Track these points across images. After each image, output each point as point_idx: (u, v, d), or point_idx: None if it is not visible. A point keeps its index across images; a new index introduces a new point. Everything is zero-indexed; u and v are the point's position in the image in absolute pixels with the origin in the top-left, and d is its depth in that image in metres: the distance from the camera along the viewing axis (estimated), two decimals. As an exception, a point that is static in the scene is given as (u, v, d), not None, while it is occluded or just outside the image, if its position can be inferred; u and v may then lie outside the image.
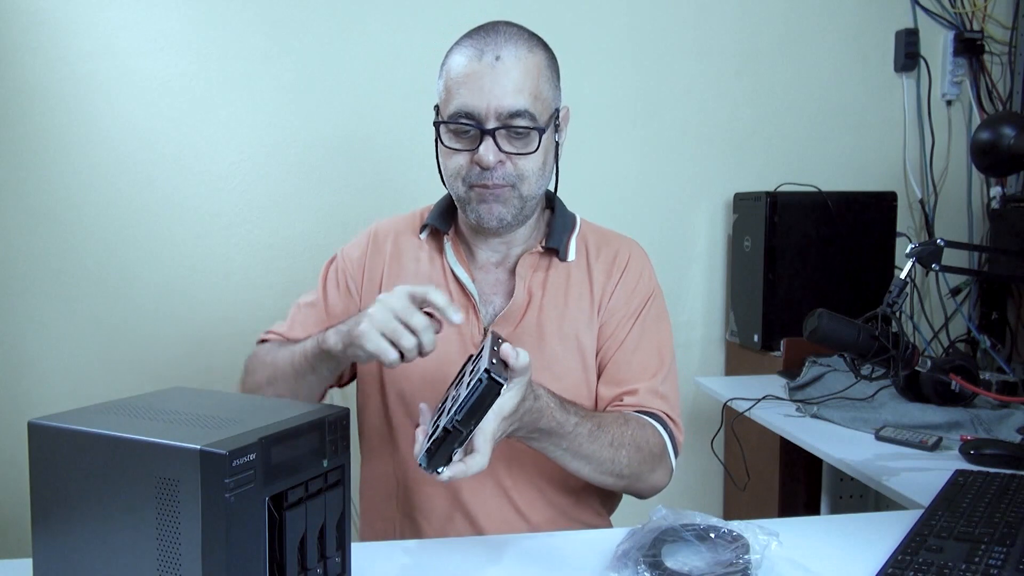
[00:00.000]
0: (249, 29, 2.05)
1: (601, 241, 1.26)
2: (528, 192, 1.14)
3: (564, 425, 1.02)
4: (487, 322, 1.19)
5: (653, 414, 1.17)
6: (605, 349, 1.21)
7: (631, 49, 2.24)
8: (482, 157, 1.09)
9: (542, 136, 1.11)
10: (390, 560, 0.99)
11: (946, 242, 1.44)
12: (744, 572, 0.88)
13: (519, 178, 1.12)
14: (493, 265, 1.23)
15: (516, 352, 0.88)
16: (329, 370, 1.12)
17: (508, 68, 1.08)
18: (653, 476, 1.15)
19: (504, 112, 1.08)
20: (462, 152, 1.12)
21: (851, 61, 2.35)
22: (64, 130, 2.00)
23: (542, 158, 1.13)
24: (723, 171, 2.31)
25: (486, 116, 1.08)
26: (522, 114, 1.09)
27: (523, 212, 1.16)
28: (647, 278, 1.25)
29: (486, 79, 1.08)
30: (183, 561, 0.71)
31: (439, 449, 0.84)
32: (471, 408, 0.82)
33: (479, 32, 1.12)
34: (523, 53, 1.10)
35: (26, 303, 2.03)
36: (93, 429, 0.76)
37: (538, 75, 1.11)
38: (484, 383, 0.82)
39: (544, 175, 1.16)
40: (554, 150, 1.17)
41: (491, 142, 1.09)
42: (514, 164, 1.11)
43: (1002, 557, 0.90)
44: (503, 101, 1.08)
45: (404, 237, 1.27)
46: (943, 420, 1.54)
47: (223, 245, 2.09)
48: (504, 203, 1.13)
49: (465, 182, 1.13)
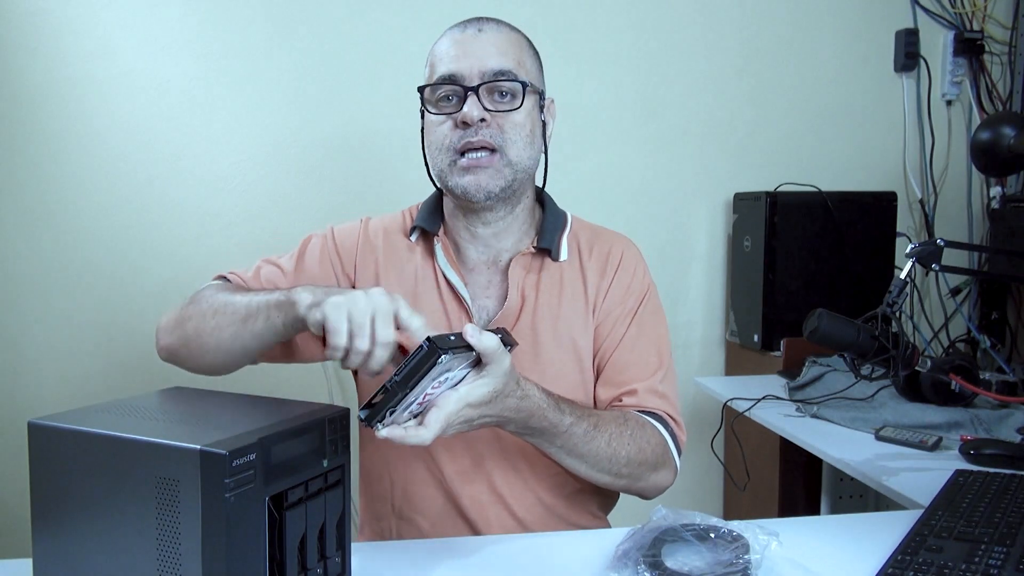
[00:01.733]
0: (249, 29, 2.05)
1: (593, 239, 1.25)
2: (516, 157, 1.12)
3: (558, 425, 1.02)
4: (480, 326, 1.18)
5: (653, 413, 1.17)
6: (603, 350, 1.20)
7: (631, 49, 2.24)
8: (467, 113, 1.09)
9: (526, 90, 1.12)
10: (390, 560, 0.99)
11: (946, 242, 1.44)
12: (744, 572, 0.88)
13: (505, 140, 1.11)
14: (484, 266, 1.21)
15: (478, 333, 0.87)
16: (281, 323, 1.01)
17: (490, 36, 1.12)
18: (655, 476, 1.14)
19: (488, 71, 1.10)
20: (446, 120, 1.12)
21: (851, 61, 2.35)
22: (64, 130, 2.00)
23: (528, 124, 1.13)
24: (723, 171, 2.31)
25: (469, 76, 1.10)
26: (506, 73, 1.11)
27: (514, 183, 1.14)
28: (641, 275, 1.24)
29: (469, 45, 1.11)
30: (183, 561, 0.71)
31: (376, 406, 0.84)
32: (408, 372, 0.82)
33: (464, 21, 1.16)
34: (505, 29, 1.15)
35: (26, 303, 2.03)
36: (93, 429, 0.76)
37: (521, 48, 1.15)
38: (424, 349, 0.82)
39: (532, 145, 1.15)
40: (541, 129, 1.17)
41: (475, 98, 1.10)
42: (499, 125, 1.11)
43: (1002, 557, 0.90)
44: (487, 62, 1.10)
45: (394, 238, 1.25)
46: (943, 420, 1.54)
47: (223, 245, 2.09)
48: (490, 173, 1.12)
49: (449, 150, 1.12)
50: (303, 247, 1.27)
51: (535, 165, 1.18)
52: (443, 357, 0.82)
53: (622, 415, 1.12)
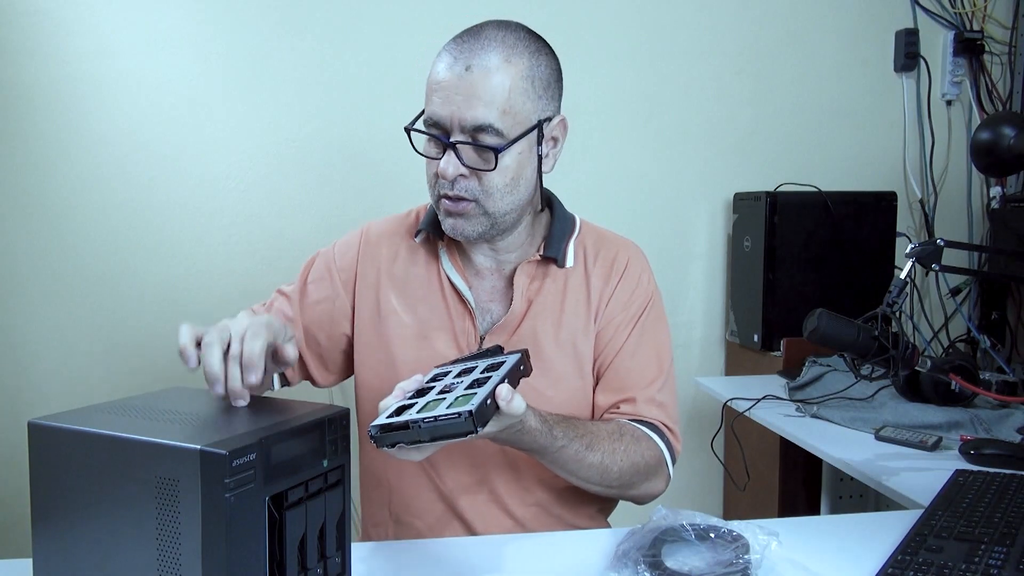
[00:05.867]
0: (249, 29, 2.05)
1: (600, 243, 1.24)
2: (494, 209, 1.10)
3: (548, 448, 1.02)
4: (484, 330, 1.18)
5: (650, 424, 1.17)
6: (603, 356, 1.19)
7: (631, 49, 2.24)
8: (442, 170, 1.06)
9: (498, 155, 1.06)
10: (390, 560, 0.99)
11: (946, 242, 1.44)
12: (744, 572, 0.88)
13: (484, 193, 1.08)
14: (489, 272, 1.21)
15: (512, 397, 0.86)
16: None
17: (475, 80, 1.04)
18: (647, 485, 1.15)
19: (468, 125, 1.04)
20: (432, 160, 1.10)
21: (851, 61, 2.35)
22: (63, 130, 2.00)
23: (509, 175, 1.09)
24: (723, 171, 2.31)
25: (451, 127, 1.06)
26: (486, 129, 1.04)
27: (494, 228, 1.12)
28: (646, 282, 1.23)
29: (453, 89, 1.05)
30: (183, 561, 0.71)
31: (393, 433, 0.84)
32: (439, 432, 0.82)
33: (464, 36, 1.09)
34: (497, 63, 1.05)
35: (26, 303, 2.03)
36: (93, 429, 0.76)
37: (510, 88, 1.05)
38: (462, 419, 0.80)
39: (515, 191, 1.10)
40: (535, 163, 1.13)
41: (452, 155, 1.06)
42: (478, 178, 1.08)
43: (1002, 557, 0.90)
44: (466, 114, 1.04)
45: (398, 240, 1.24)
46: (943, 420, 1.54)
47: (223, 245, 2.09)
48: (468, 219, 1.10)
49: (435, 191, 1.11)
50: (305, 271, 1.27)
51: (524, 200, 1.14)
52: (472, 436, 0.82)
53: (617, 430, 1.12)
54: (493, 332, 1.17)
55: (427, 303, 1.19)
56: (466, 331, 1.17)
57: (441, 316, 1.18)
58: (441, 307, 1.19)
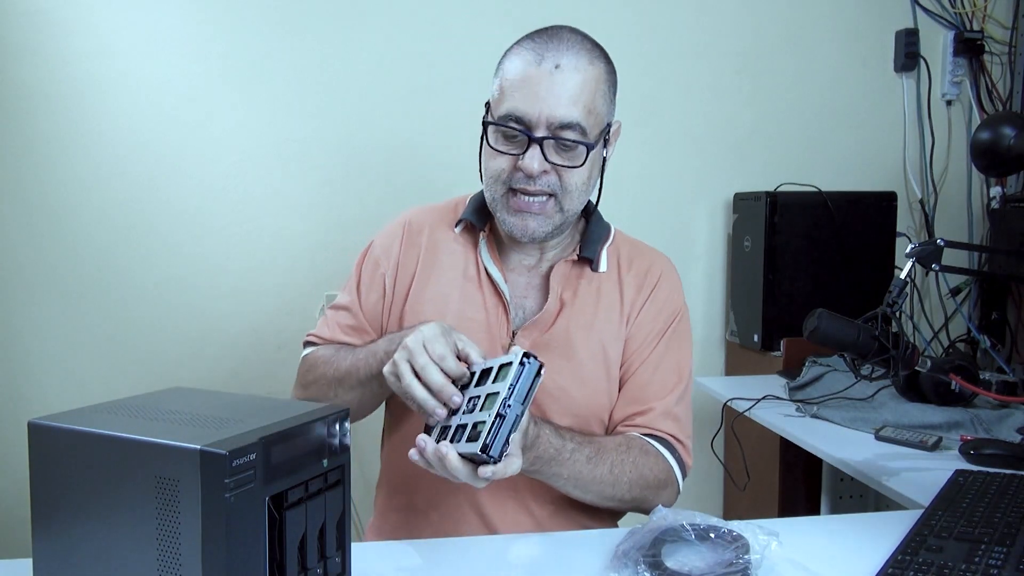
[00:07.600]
0: (249, 29, 2.05)
1: (634, 253, 1.26)
2: (569, 206, 1.13)
3: (561, 452, 1.03)
4: (516, 324, 1.19)
5: (661, 438, 1.17)
6: (627, 364, 1.21)
7: (631, 49, 2.23)
8: (527, 165, 1.08)
9: (590, 152, 1.10)
10: (390, 560, 0.99)
11: (946, 242, 1.44)
12: (744, 572, 0.88)
13: (563, 190, 1.12)
14: (526, 268, 1.23)
15: None
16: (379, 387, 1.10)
17: (566, 78, 1.07)
18: (657, 498, 1.15)
19: (556, 122, 1.07)
20: (506, 156, 1.11)
21: (851, 61, 2.35)
22: (63, 130, 2.00)
23: (587, 173, 1.13)
24: (723, 171, 2.31)
25: (537, 123, 1.07)
26: (573, 127, 1.08)
27: (562, 227, 1.16)
28: (676, 297, 1.25)
29: (542, 86, 1.07)
30: (183, 561, 0.71)
31: (498, 435, 0.86)
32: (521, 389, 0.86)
33: (541, 36, 1.11)
34: (583, 64, 1.08)
35: (26, 303, 2.03)
36: (93, 429, 0.76)
37: (595, 88, 1.10)
38: (529, 363, 0.85)
39: (588, 190, 1.15)
40: (600, 165, 1.17)
41: (538, 150, 1.08)
42: (559, 175, 1.11)
43: (1002, 557, 0.90)
44: (556, 111, 1.07)
45: (439, 230, 1.25)
46: (943, 420, 1.54)
47: (223, 245, 2.09)
48: (542, 218, 1.12)
49: (505, 185, 1.12)
50: (357, 275, 1.28)
51: (587, 200, 1.19)
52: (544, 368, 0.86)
53: (625, 443, 1.13)
54: (526, 328, 1.18)
55: (463, 293, 1.20)
56: (499, 323, 1.18)
57: (476, 307, 1.19)
58: (477, 297, 1.20)
